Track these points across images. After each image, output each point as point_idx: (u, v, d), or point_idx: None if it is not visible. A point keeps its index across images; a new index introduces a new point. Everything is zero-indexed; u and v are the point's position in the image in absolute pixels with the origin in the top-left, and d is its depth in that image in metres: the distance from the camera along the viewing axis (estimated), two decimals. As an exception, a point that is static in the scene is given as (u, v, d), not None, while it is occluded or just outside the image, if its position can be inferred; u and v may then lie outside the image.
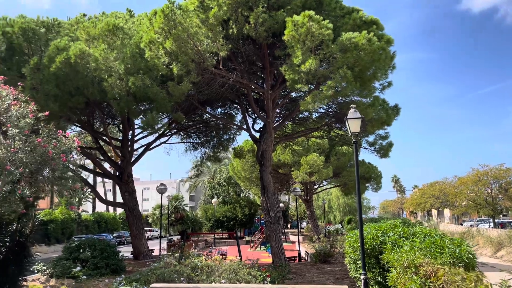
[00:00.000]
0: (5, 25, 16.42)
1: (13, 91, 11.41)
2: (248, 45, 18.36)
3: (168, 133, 26.05)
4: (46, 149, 11.23)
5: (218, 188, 60.72)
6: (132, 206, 24.83)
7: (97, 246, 18.86)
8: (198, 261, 13.66)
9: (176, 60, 16.19)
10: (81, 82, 16.68)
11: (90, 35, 16.83)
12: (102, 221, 50.61)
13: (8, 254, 14.17)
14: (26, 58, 16.81)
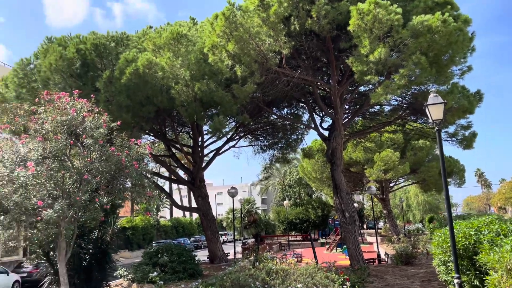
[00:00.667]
0: (78, 42, 17.36)
1: (87, 103, 11.86)
2: (311, 40, 17.77)
3: (236, 137, 26.14)
4: (119, 158, 11.52)
5: (289, 190, 60.28)
6: (206, 210, 25.18)
7: (174, 251, 19.26)
8: (273, 264, 13.29)
9: (239, 62, 16.06)
10: (150, 91, 17.13)
11: (156, 45, 17.25)
12: (180, 226, 52.35)
13: (92, 261, 14.87)
14: (99, 72, 17.62)
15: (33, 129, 10.94)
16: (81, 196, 10.96)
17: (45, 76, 17.19)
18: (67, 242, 12.00)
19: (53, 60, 17.06)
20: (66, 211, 10.35)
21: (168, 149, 26.40)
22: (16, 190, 9.72)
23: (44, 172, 10.42)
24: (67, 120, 11.17)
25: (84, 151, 11.52)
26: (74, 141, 11.41)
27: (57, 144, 10.73)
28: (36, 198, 9.90)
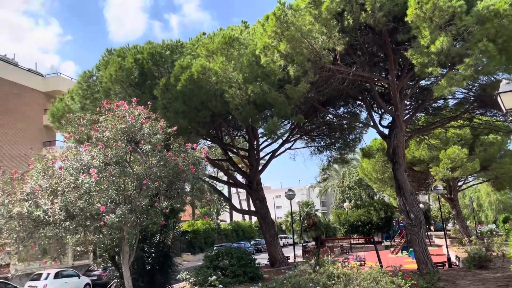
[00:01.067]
0: (136, 52, 17.97)
1: (144, 110, 12.17)
2: (366, 34, 17.10)
3: (292, 138, 25.83)
4: (176, 162, 11.68)
5: (349, 191, 58.78)
6: (264, 213, 25.08)
7: (234, 254, 19.29)
8: (334, 268, 12.83)
9: (291, 62, 15.79)
10: (205, 96, 17.33)
11: (209, 50, 17.44)
12: (240, 229, 52.82)
13: (155, 264, 15.26)
14: (157, 80, 18.11)
15: (95, 137, 11.38)
16: (142, 201, 11.22)
17: (106, 87, 17.97)
18: (130, 246, 12.36)
19: (113, 71, 17.79)
20: (127, 215, 10.63)
21: (224, 153, 26.65)
22: (81, 196, 10.12)
23: (106, 179, 10.78)
24: (126, 127, 11.51)
25: (143, 157, 11.82)
26: (134, 147, 11.73)
27: (117, 151, 11.07)
28: (99, 203, 10.26)
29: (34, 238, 9.88)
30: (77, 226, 10.11)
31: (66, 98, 20.27)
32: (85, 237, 10.96)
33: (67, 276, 21.68)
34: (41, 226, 9.92)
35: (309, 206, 43.01)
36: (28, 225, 9.89)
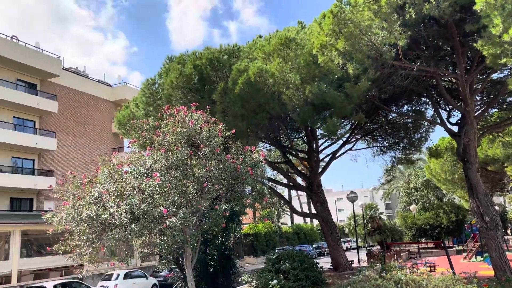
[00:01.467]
0: (195, 59, 18.37)
1: (203, 114, 12.34)
2: (431, 27, 16.19)
3: (352, 139, 25.10)
4: (235, 165, 11.71)
5: (415, 193, 56.16)
6: (325, 216, 24.56)
7: (295, 258, 19.00)
8: (402, 274, 12.18)
9: (350, 59, 15.31)
10: (262, 99, 17.29)
11: (266, 52, 17.40)
12: (301, 232, 52.31)
13: (217, 267, 15.42)
14: (215, 85, 18.38)
15: (157, 141, 11.71)
16: (203, 203, 11.36)
17: (167, 93, 18.52)
18: (192, 248, 12.55)
19: (174, 77, 18.30)
20: (189, 218, 10.80)
21: (283, 156, 26.48)
22: (145, 200, 10.43)
23: (169, 182, 11.04)
24: (186, 131, 11.73)
25: (203, 160, 11.98)
26: (194, 151, 11.92)
27: (178, 155, 11.30)
28: (162, 206, 10.51)
29: (102, 240, 10.32)
30: (142, 228, 10.43)
31: (131, 106, 21.19)
32: (149, 239, 11.28)
33: (135, 276, 22.59)
34: (108, 228, 10.35)
35: (373, 208, 41.57)
36: (97, 227, 10.36)
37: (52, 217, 10.78)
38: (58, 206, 11.47)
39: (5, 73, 30.17)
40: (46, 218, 10.89)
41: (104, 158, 11.27)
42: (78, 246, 10.62)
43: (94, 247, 10.43)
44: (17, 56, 29.90)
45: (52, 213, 11.00)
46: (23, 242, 21.77)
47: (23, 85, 31.55)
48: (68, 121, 34.96)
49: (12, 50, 29.79)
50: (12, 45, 30.25)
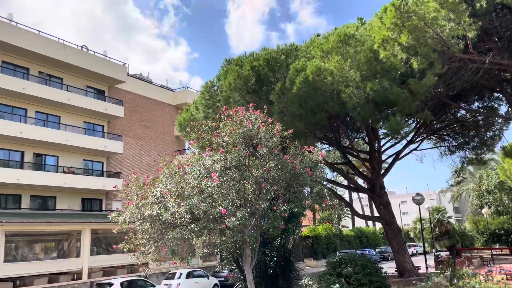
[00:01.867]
0: (252, 60, 18.40)
1: (261, 114, 12.26)
2: (504, 16, 15.00)
3: (417, 138, 23.88)
4: (293, 165, 11.49)
5: (488, 196, 52.43)
6: (389, 219, 23.56)
7: (357, 262, 18.36)
8: (476, 282, 11.29)
9: (414, 54, 14.54)
10: (321, 98, 16.92)
11: (324, 51, 17.02)
12: (363, 236, 50.74)
13: (277, 268, 15.25)
14: (272, 86, 18.29)
15: (215, 142, 11.78)
16: (261, 204, 11.25)
17: (226, 95, 18.71)
18: (251, 249, 12.48)
19: (232, 79, 18.45)
20: (248, 219, 10.73)
21: (343, 157, 25.78)
22: (204, 200, 10.51)
23: (227, 182, 11.05)
24: (244, 132, 11.69)
25: (261, 161, 11.88)
26: (251, 151, 11.86)
27: (236, 155, 11.29)
28: (220, 206, 10.53)
29: (164, 239, 10.53)
30: (202, 228, 10.52)
31: (191, 108, 21.67)
32: (209, 239, 11.35)
33: (197, 276, 23.00)
34: (169, 228, 10.54)
35: (440, 212, 39.32)
36: (159, 227, 10.59)
37: (117, 216, 11.20)
38: (124, 206, 11.88)
39: (76, 81, 32.16)
40: (111, 217, 11.34)
41: (166, 159, 11.52)
42: (141, 245, 10.93)
43: (156, 246, 10.68)
44: (87, 64, 31.76)
45: (117, 212, 11.42)
46: (93, 241, 22.99)
47: (92, 92, 33.46)
48: (134, 125, 36.55)
49: (82, 58, 31.70)
50: (82, 54, 32.19)
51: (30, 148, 28.79)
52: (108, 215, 11.64)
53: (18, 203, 28.02)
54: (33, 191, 28.61)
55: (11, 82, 26.87)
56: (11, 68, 28.25)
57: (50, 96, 28.85)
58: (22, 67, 29.09)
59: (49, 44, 29.66)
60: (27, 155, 28.69)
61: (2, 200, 27.44)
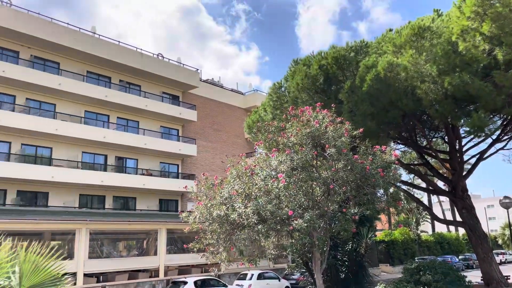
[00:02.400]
0: (320, 59, 18.00)
1: (328, 113, 11.91)
2: None
3: (504, 137, 21.78)
4: (363, 166, 11.00)
5: None
6: (473, 224, 21.75)
7: (438, 269, 17.21)
8: None
9: (499, 44, 13.32)
10: (394, 95, 16.07)
11: (396, 45, 16.17)
12: (444, 242, 47.63)
13: (348, 273, 14.72)
14: (342, 84, 17.74)
15: (282, 143, 11.64)
16: (330, 206, 10.90)
17: (293, 96, 18.50)
18: (321, 253, 12.15)
19: (299, 79, 18.20)
20: (316, 221, 10.44)
21: (420, 157, 24.32)
22: (271, 201, 10.40)
23: (294, 183, 10.85)
24: (311, 131, 11.43)
25: (330, 161, 11.53)
26: (319, 151, 11.55)
27: (302, 156, 11.05)
28: (287, 208, 10.36)
29: (232, 240, 10.58)
30: (269, 229, 10.41)
31: (260, 110, 21.74)
32: (278, 241, 11.22)
33: (268, 278, 23.01)
34: (237, 228, 10.57)
35: (533, 217, 35.70)
36: (227, 227, 10.66)
37: (187, 216, 11.48)
38: (194, 206, 12.17)
39: (153, 87, 33.88)
40: (182, 217, 11.64)
41: (233, 160, 11.60)
42: (211, 245, 11.09)
43: (224, 247, 10.76)
44: (162, 71, 33.33)
45: (188, 212, 11.70)
46: (169, 240, 23.94)
47: (167, 97, 35.05)
48: (206, 128, 37.67)
49: (158, 66, 33.32)
50: (158, 62, 33.85)
51: (112, 152, 30.79)
52: (179, 215, 11.97)
53: (102, 203, 30.08)
54: (116, 192, 30.53)
55: (95, 91, 28.96)
56: (95, 78, 30.46)
57: (129, 102, 30.67)
58: (105, 76, 31.25)
59: (128, 53, 31.55)
60: (110, 158, 30.72)
61: (88, 200, 29.63)
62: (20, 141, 26.47)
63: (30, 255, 6.26)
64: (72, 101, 28.87)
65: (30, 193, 26.79)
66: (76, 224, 19.16)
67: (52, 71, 27.83)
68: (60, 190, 27.67)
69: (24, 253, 6.28)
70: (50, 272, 5.99)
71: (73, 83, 27.93)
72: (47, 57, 28.24)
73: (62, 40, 27.66)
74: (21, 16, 26.48)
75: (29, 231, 19.01)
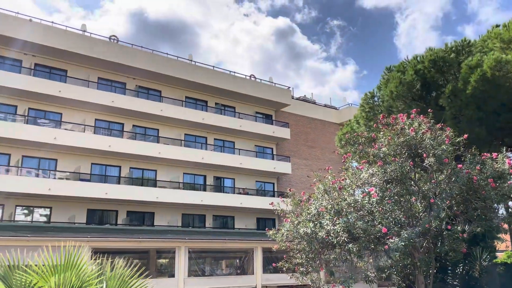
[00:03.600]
0: (415, 63, 16.64)
1: (425, 119, 10.76)
2: None
3: None
4: (469, 176, 9.63)
5: None
6: None
7: None
8: None
9: None
10: (505, 97, 14.17)
11: (505, 40, 14.34)
12: None
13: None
14: (442, 89, 16.17)
15: (372, 154, 10.74)
16: (432, 223, 9.70)
17: (387, 105, 17.33)
18: (425, 276, 10.85)
19: (393, 87, 17.02)
20: (415, 239, 9.34)
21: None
22: (362, 217, 9.56)
23: (389, 198, 9.89)
24: (405, 140, 10.40)
25: (430, 174, 10.34)
26: (416, 162, 10.44)
27: (396, 167, 10.05)
28: (381, 225, 9.42)
29: (321, 259, 9.90)
30: (361, 248, 9.54)
31: (352, 123, 20.79)
32: (374, 261, 10.25)
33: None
34: (326, 247, 9.88)
35: None
36: (315, 245, 10.02)
37: (274, 234, 11.08)
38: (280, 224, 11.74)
39: (246, 108, 34.65)
40: (269, 234, 11.27)
41: (319, 175, 11.00)
42: (299, 264, 10.52)
43: (314, 267, 10.11)
44: (255, 92, 33.97)
45: (275, 230, 11.31)
46: (266, 259, 23.71)
47: (260, 117, 35.53)
48: (299, 146, 37.29)
49: (250, 87, 34.06)
50: (250, 83, 34.63)
51: (211, 172, 31.90)
52: (267, 233, 11.63)
53: (203, 222, 31.15)
54: (215, 211, 31.44)
55: (194, 114, 30.45)
56: (192, 102, 32.11)
57: (224, 124, 31.69)
58: (202, 100, 32.78)
59: (222, 77, 32.79)
60: (208, 178, 31.84)
61: (190, 219, 30.90)
62: (129, 165, 28.65)
63: (117, 271, 6.38)
64: (173, 126, 30.63)
65: (138, 213, 28.74)
66: (174, 242, 19.88)
67: (155, 99, 29.95)
68: (164, 210, 29.26)
69: (110, 269, 6.41)
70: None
71: (173, 108, 29.71)
72: (150, 86, 30.51)
73: (163, 70, 29.69)
74: (126, 50, 29.07)
75: (135, 249, 20.21)
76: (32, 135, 24.24)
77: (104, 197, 25.64)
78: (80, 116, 27.17)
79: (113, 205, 27.36)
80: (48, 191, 23.92)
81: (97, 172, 27.49)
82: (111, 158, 27.77)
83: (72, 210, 25.89)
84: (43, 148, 25.09)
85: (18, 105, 25.27)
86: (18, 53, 25.47)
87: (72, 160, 26.50)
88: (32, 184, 23.88)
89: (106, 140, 26.76)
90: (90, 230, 21.73)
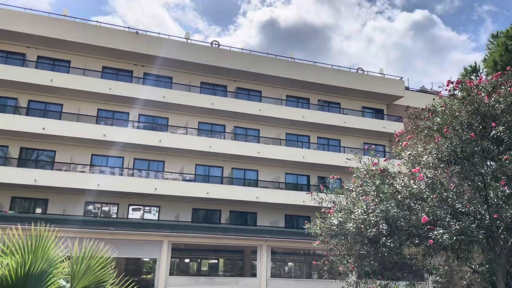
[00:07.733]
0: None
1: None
2: None
3: None
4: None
5: None
6: None
7: None
8: None
9: None
10: None
11: None
12: None
13: None
14: None
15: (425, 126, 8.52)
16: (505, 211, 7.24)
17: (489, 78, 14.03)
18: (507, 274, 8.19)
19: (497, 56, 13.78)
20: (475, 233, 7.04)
21: None
22: (401, 204, 7.55)
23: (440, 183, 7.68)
24: (474, 108, 8.01)
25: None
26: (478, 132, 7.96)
27: (456, 141, 7.75)
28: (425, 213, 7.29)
29: (354, 256, 8.13)
30: (401, 243, 7.52)
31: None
32: (422, 260, 8.06)
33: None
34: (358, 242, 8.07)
35: None
36: (348, 240, 8.29)
37: (310, 227, 9.56)
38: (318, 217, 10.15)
39: (352, 103, 32.42)
40: (306, 227, 9.79)
41: (359, 157, 9.18)
42: (333, 262, 8.83)
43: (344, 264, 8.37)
44: (361, 85, 31.58)
45: (312, 223, 9.76)
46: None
47: (369, 112, 32.90)
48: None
49: (356, 80, 31.77)
50: (355, 76, 32.33)
51: (315, 172, 30.54)
52: (305, 225, 10.14)
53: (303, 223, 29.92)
54: (319, 212, 29.95)
55: (293, 113, 29.63)
56: (294, 101, 31.35)
57: (326, 121, 30.18)
58: (303, 98, 31.79)
59: (323, 72, 31.35)
60: (312, 178, 30.53)
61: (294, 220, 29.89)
62: (230, 165, 29.12)
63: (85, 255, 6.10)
64: (273, 125, 30.25)
65: (241, 213, 28.90)
66: (255, 240, 19.25)
67: (255, 99, 30.00)
68: (267, 210, 28.89)
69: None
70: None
71: (272, 107, 29.35)
72: (250, 87, 30.70)
73: (262, 69, 29.60)
74: (226, 53, 29.78)
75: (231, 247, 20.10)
76: (142, 139, 26.32)
77: (205, 196, 26.37)
78: (183, 119, 28.60)
79: (216, 205, 28.00)
80: (154, 190, 25.53)
81: (201, 172, 28.52)
82: (214, 159, 28.55)
83: (178, 209, 27.20)
84: (151, 151, 27.02)
85: (130, 112, 27.72)
86: (148, 67, 28.10)
87: (177, 161, 27.95)
88: (142, 184, 25.72)
89: (208, 141, 27.59)
90: (193, 228, 22.38)
